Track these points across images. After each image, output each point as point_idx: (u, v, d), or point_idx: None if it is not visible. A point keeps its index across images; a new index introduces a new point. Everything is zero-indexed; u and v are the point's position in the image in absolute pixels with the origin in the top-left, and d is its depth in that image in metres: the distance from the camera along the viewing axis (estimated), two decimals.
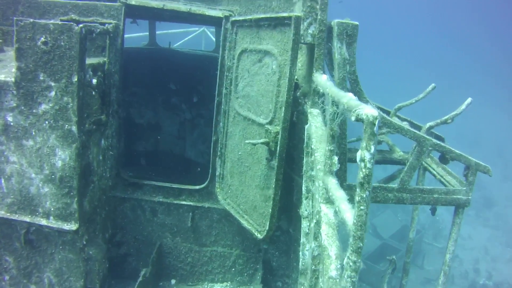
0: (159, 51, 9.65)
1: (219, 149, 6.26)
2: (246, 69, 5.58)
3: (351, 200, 2.78)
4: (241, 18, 5.66)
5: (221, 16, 6.02)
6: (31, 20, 5.09)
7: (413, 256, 8.18)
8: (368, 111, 2.29)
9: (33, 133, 5.40)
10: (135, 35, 11.27)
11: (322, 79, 4.36)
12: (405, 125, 5.60)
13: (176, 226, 6.65)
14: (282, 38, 4.95)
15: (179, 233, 6.69)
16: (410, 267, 7.35)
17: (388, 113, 6.48)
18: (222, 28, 6.04)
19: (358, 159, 2.39)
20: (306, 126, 4.82)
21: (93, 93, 5.87)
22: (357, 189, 2.36)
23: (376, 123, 2.25)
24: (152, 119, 9.46)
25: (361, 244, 2.47)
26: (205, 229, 6.64)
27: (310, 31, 5.05)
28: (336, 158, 3.67)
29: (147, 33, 9.84)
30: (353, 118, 2.47)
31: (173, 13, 6.16)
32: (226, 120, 6.08)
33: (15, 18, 5.26)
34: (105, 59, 5.94)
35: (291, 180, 5.84)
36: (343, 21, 4.83)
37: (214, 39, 11.02)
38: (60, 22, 5.05)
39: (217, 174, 6.33)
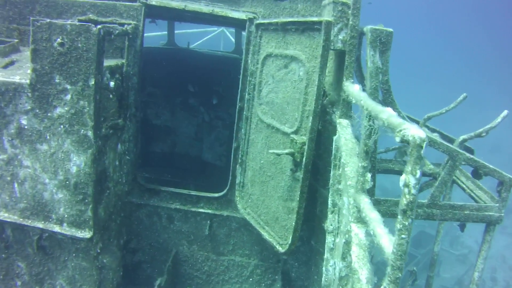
0: (178, 51, 9.37)
1: (240, 156, 5.95)
2: (271, 74, 5.26)
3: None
4: (266, 21, 5.34)
5: (245, 18, 5.71)
6: (48, 20, 4.82)
7: (429, 263, 7.83)
8: (415, 132, 2.01)
9: (48, 137, 5.14)
10: (153, 34, 10.98)
11: (354, 89, 4.04)
12: (435, 137, 5.25)
13: (193, 234, 6.36)
14: (311, 43, 4.62)
15: (196, 241, 6.39)
16: (425, 273, 7.01)
17: (416, 122, 6.13)
18: (246, 31, 5.72)
19: (401, 183, 2.11)
20: (335, 138, 4.50)
21: (111, 96, 5.59)
22: (399, 216, 2.15)
23: (424, 145, 1.98)
24: (169, 120, 9.18)
25: (400, 275, 2.23)
26: (223, 238, 6.34)
27: (340, 36, 4.72)
28: (369, 176, 3.38)
29: (166, 33, 9.57)
30: (397, 139, 2.17)
31: (194, 14, 5.86)
32: (248, 127, 5.77)
33: (31, 18, 4.99)
34: (124, 61, 5.66)
35: (314, 191, 5.52)
36: (376, 27, 4.49)
37: (233, 40, 10.70)
38: (77, 23, 4.77)
39: (237, 182, 6.03)
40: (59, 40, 4.84)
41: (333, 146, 4.52)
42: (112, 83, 5.49)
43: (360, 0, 4.58)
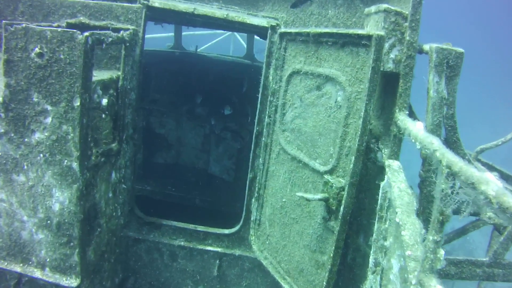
0: (185, 56, 8.21)
1: (256, 189, 4.78)
2: (298, 96, 4.09)
3: None
4: (293, 30, 4.14)
5: (266, 26, 4.50)
6: (24, 25, 3.66)
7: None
8: None
9: (25, 167, 3.99)
10: (158, 36, 9.72)
11: (417, 129, 2.91)
12: (495, 176, 4.09)
13: (200, 274, 5.21)
14: (354, 62, 3.45)
15: (203, 281, 5.24)
16: None
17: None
18: (267, 40, 4.52)
19: None
20: (382, 184, 3.36)
21: (103, 116, 4.42)
22: None
23: None
24: (173, 129, 8.01)
25: None
26: (234, 279, 5.19)
27: (392, 55, 3.53)
28: (442, 253, 2.39)
29: (172, 34, 8.40)
30: None
31: (205, 19, 4.67)
32: (268, 156, 4.59)
33: (3, 22, 3.83)
34: (119, 73, 4.47)
35: (346, 237, 4.36)
36: (443, 46, 3.31)
37: (245, 44, 9.46)
38: (59, 29, 3.61)
39: (252, 219, 4.87)
40: (37, 49, 3.68)
41: (380, 194, 3.38)
42: (104, 101, 4.31)
43: (420, 10, 3.39)
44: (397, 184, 3.19)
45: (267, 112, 4.53)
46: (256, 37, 8.38)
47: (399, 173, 3.35)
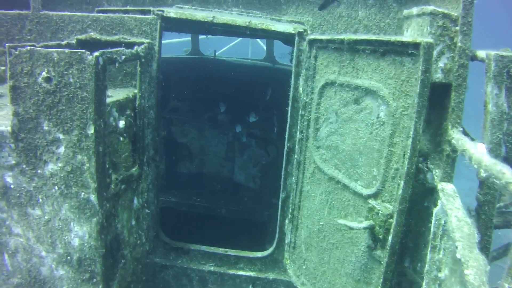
0: (203, 61, 7.79)
1: (290, 210, 4.35)
2: (333, 110, 3.64)
3: None
4: (324, 37, 3.67)
5: (293, 32, 4.04)
6: (28, 47, 3.29)
7: None
8: None
9: (40, 200, 3.65)
10: (175, 41, 9.29)
11: (479, 152, 2.45)
12: None
13: None
14: (398, 73, 2.98)
15: None
16: None
17: None
18: (295, 48, 4.06)
19: None
20: (436, 210, 2.90)
21: (121, 139, 4.04)
22: None
23: None
24: (196, 138, 7.60)
25: None
26: None
27: (441, 64, 3.05)
28: None
29: (189, 39, 7.99)
30: None
31: (226, 28, 4.23)
32: (301, 175, 4.15)
33: (7, 45, 3.47)
34: (136, 91, 4.08)
35: None
36: (503, 53, 2.82)
37: (264, 46, 8.97)
38: (67, 51, 3.22)
39: (286, 242, 4.45)
40: (44, 74, 3.31)
41: (433, 222, 2.93)
42: (122, 123, 3.93)
43: (472, 11, 2.90)
44: (454, 212, 2.73)
45: (298, 127, 4.09)
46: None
47: (454, 199, 2.89)
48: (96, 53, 3.21)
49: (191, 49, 8.00)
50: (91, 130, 3.33)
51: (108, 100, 3.70)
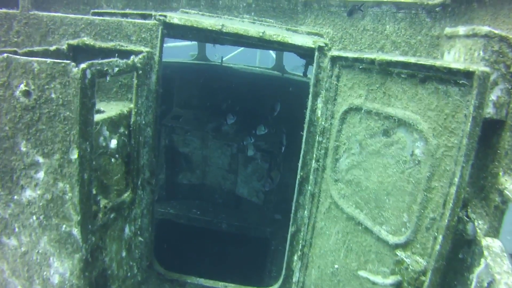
0: (210, 68, 7.24)
1: (299, 246, 3.80)
2: (357, 140, 3.09)
3: None
4: (350, 55, 3.13)
5: (313, 46, 3.49)
6: (5, 55, 2.76)
7: None
8: None
9: (17, 229, 3.14)
10: (180, 44, 8.72)
11: None
12: None
13: None
14: (442, 105, 2.44)
15: None
16: None
17: None
18: (314, 65, 3.51)
19: None
20: (478, 271, 2.41)
21: (113, 160, 3.51)
22: None
23: None
24: (198, 148, 7.05)
25: None
26: None
27: (493, 97, 2.50)
28: None
29: (195, 42, 7.43)
30: None
31: (237, 38, 3.68)
32: (315, 209, 3.61)
33: None
34: (132, 105, 3.54)
35: None
36: None
37: (273, 55, 8.41)
38: (49, 61, 2.69)
39: (294, 280, 3.90)
40: (22, 86, 2.78)
41: (474, 283, 2.41)
42: (114, 142, 3.40)
43: None
44: (503, 278, 2.20)
45: (314, 155, 3.54)
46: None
47: (503, 260, 2.35)
48: (83, 65, 2.67)
49: (197, 54, 7.44)
50: (74, 155, 2.80)
51: (98, 117, 3.18)
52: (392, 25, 3.67)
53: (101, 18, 3.64)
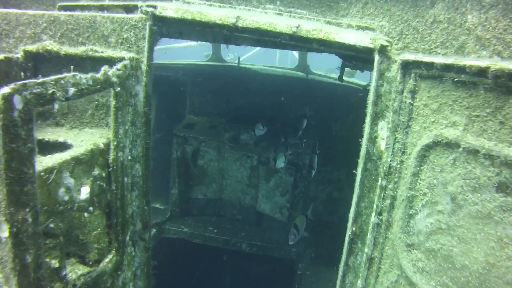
0: (226, 70, 6.12)
1: None
2: (447, 192, 1.89)
3: None
4: (438, 60, 1.91)
5: (371, 46, 2.27)
6: None
7: None
8: None
9: None
10: (194, 44, 7.49)
11: None
12: None
13: None
14: None
15: None
16: None
17: None
18: (374, 73, 2.28)
19: None
20: None
21: (86, 215, 2.37)
22: None
23: None
24: (214, 160, 5.95)
25: None
26: None
27: None
28: None
29: (206, 43, 6.32)
30: None
31: (258, 35, 2.48)
32: (373, 279, 2.39)
33: None
34: (111, 136, 2.39)
35: None
36: None
37: (296, 54, 7.20)
38: None
39: None
40: None
41: None
42: (85, 191, 2.25)
43: None
44: None
45: (375, 205, 2.33)
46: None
47: None
48: (7, 89, 1.53)
49: (211, 55, 6.32)
50: (4, 233, 1.67)
51: (56, 159, 2.05)
52: (476, 14, 2.42)
53: (68, 13, 2.49)
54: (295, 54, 6.96)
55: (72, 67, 2.36)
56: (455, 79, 1.81)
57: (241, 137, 5.75)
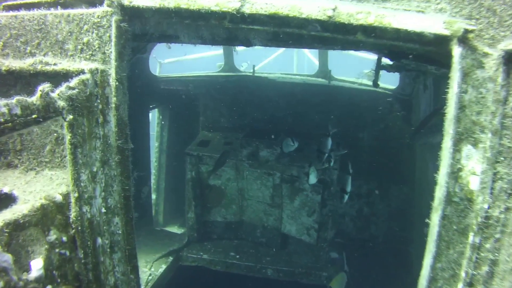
0: (240, 80, 5.46)
1: None
2: None
3: None
4: None
5: (447, 34, 1.46)
6: None
7: None
8: None
9: None
10: (207, 55, 6.75)
11: None
12: None
13: None
14: None
15: None
16: None
17: None
18: (453, 73, 1.48)
19: None
20: None
21: None
22: None
23: None
24: (233, 179, 5.27)
25: None
26: None
27: None
28: None
29: (221, 52, 5.67)
30: None
31: (275, 26, 1.69)
32: None
33: None
34: (69, 186, 1.62)
35: None
36: None
37: (314, 59, 6.42)
38: None
39: None
40: None
41: None
42: (37, 265, 1.51)
43: None
44: None
45: (463, 271, 1.50)
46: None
47: None
48: None
49: (224, 64, 5.67)
50: None
51: None
52: None
53: (11, 14, 1.75)
54: (312, 58, 6.15)
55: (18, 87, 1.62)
56: None
57: (260, 154, 5.02)
